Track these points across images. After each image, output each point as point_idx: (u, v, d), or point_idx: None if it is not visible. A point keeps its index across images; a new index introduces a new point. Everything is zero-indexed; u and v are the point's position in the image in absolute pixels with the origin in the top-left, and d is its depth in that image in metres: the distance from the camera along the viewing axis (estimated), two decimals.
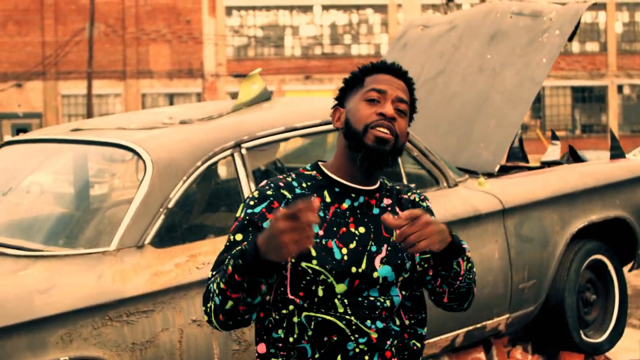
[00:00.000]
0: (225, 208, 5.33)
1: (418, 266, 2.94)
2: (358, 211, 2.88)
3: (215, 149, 4.88)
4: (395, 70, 2.94)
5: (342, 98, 2.98)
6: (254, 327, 2.94)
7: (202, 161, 4.82)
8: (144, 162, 4.75)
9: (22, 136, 5.82)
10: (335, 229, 2.83)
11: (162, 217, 4.62)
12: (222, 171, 5.22)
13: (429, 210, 3.03)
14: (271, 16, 54.47)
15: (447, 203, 5.66)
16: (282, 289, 2.82)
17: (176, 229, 4.79)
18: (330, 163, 2.93)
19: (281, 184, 2.84)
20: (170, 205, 4.66)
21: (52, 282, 4.34)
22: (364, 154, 2.81)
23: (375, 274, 2.83)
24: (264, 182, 2.88)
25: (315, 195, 2.84)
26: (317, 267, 2.77)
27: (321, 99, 5.85)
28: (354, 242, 2.83)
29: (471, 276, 2.95)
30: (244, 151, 4.96)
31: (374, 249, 2.85)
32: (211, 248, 4.68)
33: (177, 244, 4.69)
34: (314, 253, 2.77)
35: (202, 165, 4.82)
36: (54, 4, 53.29)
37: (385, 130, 2.81)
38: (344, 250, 2.81)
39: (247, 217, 2.78)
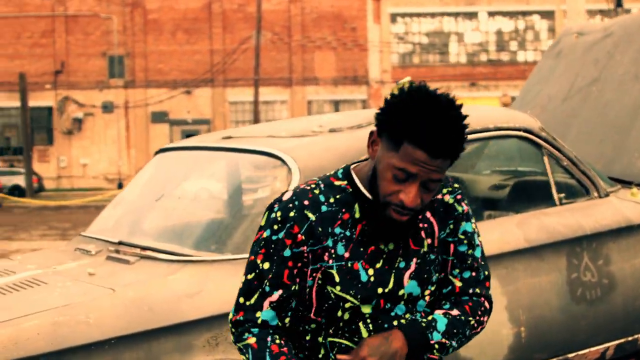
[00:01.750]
0: None
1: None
2: (384, 230, 2.75)
3: (361, 157, 4.90)
4: (436, 151, 2.56)
5: (381, 128, 2.67)
6: None
7: None
8: (290, 169, 4.81)
9: (175, 144, 5.98)
10: (362, 249, 2.75)
11: None
12: None
13: (462, 215, 2.91)
14: (436, 23, 54.26)
15: (597, 213, 5.55)
16: (303, 310, 2.80)
17: None
18: (364, 171, 2.79)
19: (306, 202, 2.73)
20: None
21: (200, 287, 4.44)
22: (382, 217, 2.70)
23: (401, 291, 2.78)
24: (290, 193, 2.78)
25: (343, 211, 2.74)
26: (340, 294, 2.72)
27: (470, 107, 5.81)
28: (381, 261, 2.75)
29: (455, 344, 2.86)
30: None
31: (402, 264, 2.78)
32: None
33: None
34: (337, 278, 2.72)
35: None
36: (222, 13, 54.31)
37: (402, 215, 2.66)
38: (370, 271, 2.74)
39: (272, 245, 2.72)
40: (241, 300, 2.78)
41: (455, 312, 2.85)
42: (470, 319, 2.87)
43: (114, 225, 5.57)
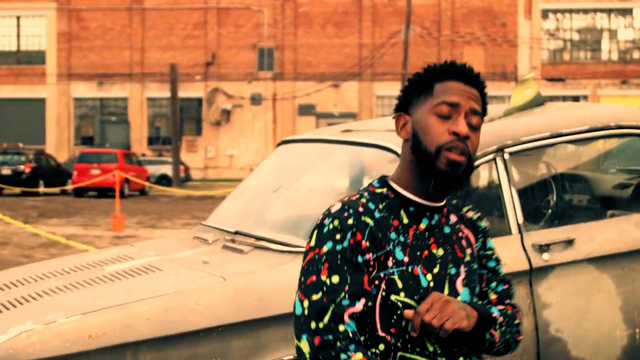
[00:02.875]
0: (486, 212, 5.30)
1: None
2: (436, 230, 2.73)
3: (477, 152, 4.87)
4: (468, 76, 2.69)
5: (406, 102, 2.75)
6: None
7: None
8: None
9: (297, 136, 6.03)
10: (418, 253, 2.67)
11: None
12: (484, 175, 5.19)
13: (484, 231, 2.92)
14: (588, 19, 53.30)
15: None
16: (370, 325, 2.63)
17: None
18: (398, 177, 2.74)
19: (360, 209, 2.63)
20: None
21: None
22: (437, 177, 2.62)
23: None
24: (338, 204, 2.66)
25: (392, 217, 2.67)
26: (405, 300, 2.60)
27: (596, 105, 5.70)
28: (437, 266, 2.69)
29: (509, 336, 2.83)
30: (506, 156, 4.92)
31: (453, 271, 2.72)
32: None
33: None
34: (400, 284, 2.61)
35: None
36: (372, 7, 54.45)
37: (459, 154, 2.61)
38: (429, 277, 2.66)
39: (338, 255, 2.57)
40: (312, 325, 2.55)
41: (501, 307, 2.86)
42: (516, 320, 2.86)
43: (233, 215, 5.66)
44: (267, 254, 4.74)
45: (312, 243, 2.63)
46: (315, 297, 2.56)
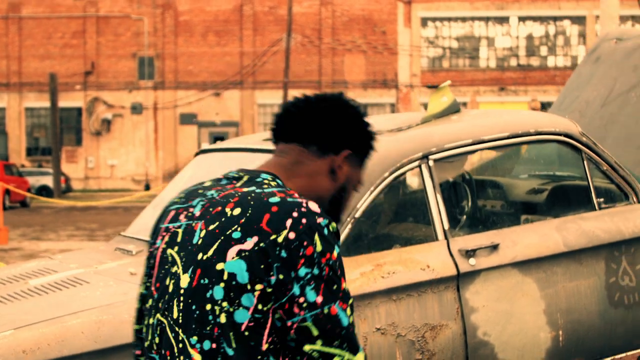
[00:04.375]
0: (412, 219, 5.36)
1: None
2: None
3: (403, 160, 4.92)
4: None
5: (357, 144, 2.69)
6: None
7: (390, 172, 4.87)
8: None
9: (216, 145, 6.01)
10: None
11: (350, 226, 4.68)
12: (409, 182, 5.26)
13: None
14: (467, 27, 54.23)
15: (636, 218, 5.54)
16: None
17: (363, 238, 4.85)
18: (293, 188, 2.59)
19: None
20: (358, 214, 4.72)
21: None
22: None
23: None
24: (314, 204, 2.45)
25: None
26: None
27: (510, 112, 5.82)
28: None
29: None
30: (431, 163, 4.98)
31: None
32: (396, 258, 4.72)
33: (363, 253, 4.74)
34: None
35: (390, 176, 4.87)
36: (253, 15, 54.46)
37: None
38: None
39: (341, 260, 2.44)
40: (356, 331, 2.52)
41: None
42: None
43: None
44: None
45: (319, 248, 2.37)
46: (350, 301, 2.43)
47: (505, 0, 53.71)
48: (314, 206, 2.41)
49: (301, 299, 2.32)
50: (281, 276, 2.32)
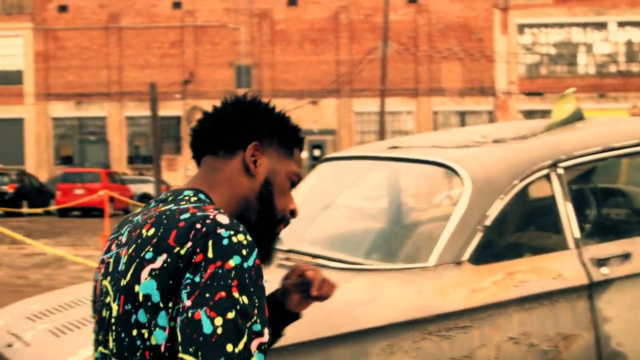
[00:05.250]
0: (541, 227, 5.32)
1: None
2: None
3: (532, 167, 4.88)
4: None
5: (264, 132, 2.56)
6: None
7: (519, 179, 4.84)
8: (461, 179, 4.81)
9: (338, 153, 6.03)
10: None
11: (480, 234, 4.67)
12: (538, 190, 5.21)
13: None
14: (564, 33, 53.65)
15: None
16: None
17: (493, 247, 4.82)
18: (217, 199, 2.48)
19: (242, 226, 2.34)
20: (488, 222, 4.70)
21: (373, 295, 4.47)
22: (267, 240, 2.56)
23: None
24: (226, 217, 2.29)
25: None
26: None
27: (637, 119, 5.74)
28: None
29: None
30: (560, 170, 4.94)
31: None
32: (528, 267, 4.69)
33: (494, 262, 4.72)
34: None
35: (519, 183, 4.84)
36: (349, 24, 54.59)
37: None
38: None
39: (245, 273, 2.22)
40: (229, 348, 2.16)
41: None
42: None
43: (283, 233, 5.63)
44: (327, 272, 4.70)
45: (210, 254, 2.20)
46: (230, 315, 2.16)
47: (603, 6, 53.00)
48: (222, 218, 2.26)
49: (181, 305, 2.22)
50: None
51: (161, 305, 2.23)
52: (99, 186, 34.77)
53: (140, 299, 2.25)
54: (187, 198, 2.42)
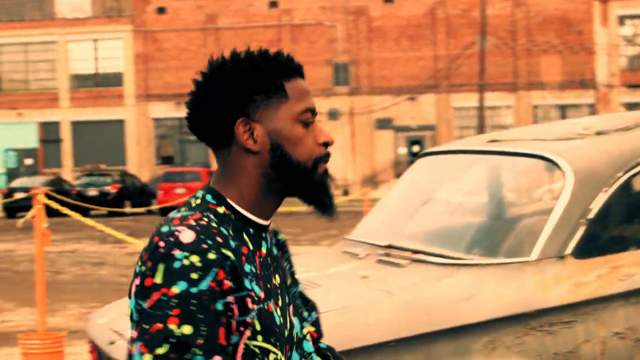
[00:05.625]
0: None
1: None
2: (272, 255, 2.33)
3: (636, 159, 4.78)
4: (302, 72, 2.30)
5: (243, 103, 2.22)
6: None
7: (623, 172, 4.74)
8: (563, 172, 4.74)
9: (437, 148, 5.99)
10: (268, 285, 2.23)
11: (583, 227, 4.59)
12: None
13: (285, 245, 2.52)
14: None
15: None
16: None
17: (597, 240, 4.74)
18: (239, 194, 2.24)
19: (219, 239, 2.11)
20: (591, 215, 4.61)
21: (475, 290, 4.42)
22: (315, 192, 2.27)
23: (294, 332, 2.32)
24: (190, 233, 2.09)
25: (240, 244, 2.18)
26: (264, 345, 2.14)
27: None
28: (280, 298, 2.28)
29: None
30: None
31: (287, 300, 2.34)
32: (634, 260, 4.60)
33: (597, 255, 4.63)
34: (258, 326, 2.13)
35: (623, 175, 4.74)
36: (446, 19, 54.30)
37: (326, 163, 2.31)
38: (278, 311, 2.23)
39: (192, 300, 2.03)
40: None
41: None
42: None
43: (380, 229, 5.61)
44: (427, 267, 4.69)
45: (158, 279, 2.05)
46: (160, 350, 2.00)
47: None
48: (185, 237, 2.07)
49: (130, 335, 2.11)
50: None
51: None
52: (200, 185, 35.09)
53: (129, 314, 2.16)
54: (193, 201, 2.25)
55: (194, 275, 2.03)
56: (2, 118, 57.46)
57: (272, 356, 2.16)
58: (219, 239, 2.09)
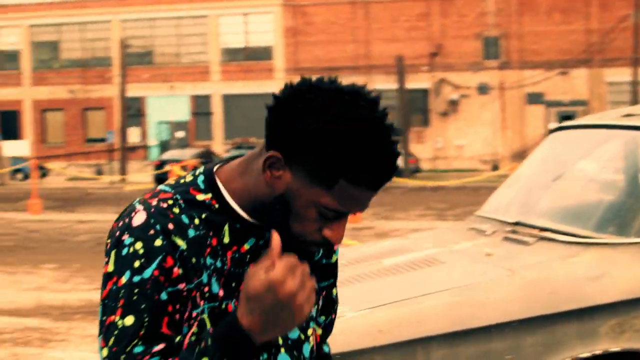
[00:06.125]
0: None
1: None
2: (261, 252, 2.07)
3: None
4: (381, 185, 2.01)
5: (290, 147, 1.96)
6: None
7: None
8: None
9: (570, 122, 5.78)
10: (234, 283, 2.05)
11: None
12: None
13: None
14: None
15: None
16: None
17: None
18: (240, 186, 2.07)
19: (170, 226, 1.98)
20: None
21: (603, 270, 4.25)
22: (290, 244, 2.04)
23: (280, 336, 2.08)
24: (142, 215, 1.99)
25: (211, 235, 2.04)
26: None
27: None
28: None
29: None
30: None
31: None
32: None
33: None
34: (209, 325, 2.02)
35: None
36: None
37: (319, 249, 2.14)
38: (105, 352, 2.00)
39: (135, 289, 1.94)
40: None
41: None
42: None
43: (508, 205, 5.46)
44: (554, 246, 4.53)
45: (110, 268, 1.98)
46: (110, 342, 1.94)
47: None
48: (137, 219, 1.98)
49: None
50: None
51: None
52: None
53: None
54: (186, 177, 2.12)
55: (137, 264, 1.94)
56: (155, 91, 58.73)
57: None
58: (171, 226, 1.98)
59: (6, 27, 61.46)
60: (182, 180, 2.10)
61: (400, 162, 37.96)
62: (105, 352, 1.94)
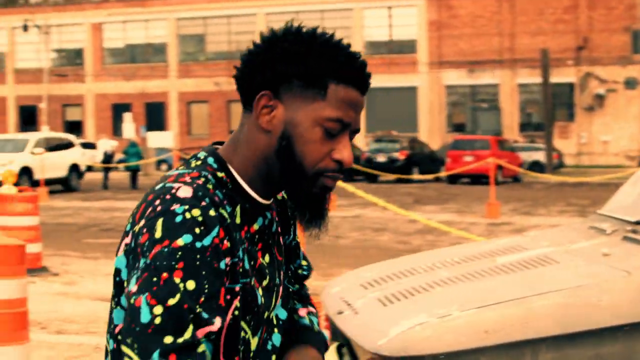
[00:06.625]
0: None
1: None
2: (266, 232, 2.14)
3: None
4: (367, 84, 2.10)
5: (276, 80, 2.03)
6: None
7: None
8: None
9: None
10: (252, 262, 2.08)
11: None
12: None
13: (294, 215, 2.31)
14: None
15: None
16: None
17: None
18: (240, 166, 2.09)
19: (216, 199, 1.99)
20: None
21: None
22: (305, 200, 2.07)
23: (272, 316, 2.18)
24: (188, 188, 1.96)
25: (233, 212, 2.04)
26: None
27: None
28: (267, 278, 2.13)
29: None
30: None
31: (277, 281, 2.19)
32: None
33: None
34: (238, 302, 2.02)
35: None
36: None
37: (334, 180, 2.07)
38: (260, 291, 2.08)
39: (197, 255, 1.90)
40: (168, 340, 1.87)
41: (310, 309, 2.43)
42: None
43: (632, 204, 5.26)
44: None
45: (157, 234, 1.91)
46: (172, 301, 1.87)
47: None
48: (183, 191, 1.94)
49: (126, 291, 1.94)
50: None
51: (125, 284, 2.00)
52: (488, 153, 34.74)
53: (114, 272, 2.05)
54: (192, 162, 2.11)
55: (197, 230, 1.90)
56: None
57: (241, 334, 2.03)
58: (216, 199, 1.98)
59: (154, 20, 62.87)
60: (193, 164, 2.10)
61: (541, 157, 37.62)
62: (159, 309, 1.87)
